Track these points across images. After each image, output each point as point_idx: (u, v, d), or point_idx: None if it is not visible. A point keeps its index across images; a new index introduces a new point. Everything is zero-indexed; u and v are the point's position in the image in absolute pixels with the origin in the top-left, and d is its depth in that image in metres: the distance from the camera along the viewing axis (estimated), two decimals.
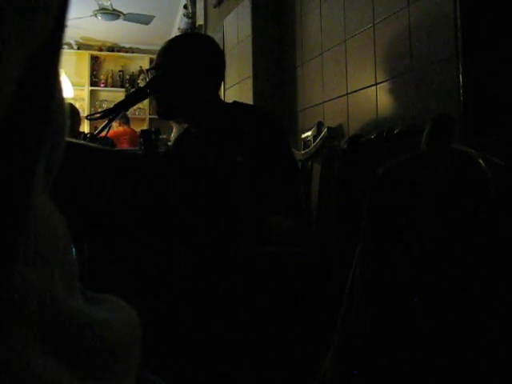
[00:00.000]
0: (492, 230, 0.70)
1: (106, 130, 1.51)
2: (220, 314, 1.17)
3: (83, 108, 6.07)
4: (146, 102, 6.21)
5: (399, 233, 0.78)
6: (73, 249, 0.30)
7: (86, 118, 1.82)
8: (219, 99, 1.65)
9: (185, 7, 4.32)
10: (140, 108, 6.41)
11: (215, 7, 3.38)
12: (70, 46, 6.34)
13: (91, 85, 6.54)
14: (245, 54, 2.64)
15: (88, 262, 1.07)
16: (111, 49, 6.73)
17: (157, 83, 1.53)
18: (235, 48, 2.80)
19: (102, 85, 6.67)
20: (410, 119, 1.62)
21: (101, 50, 6.68)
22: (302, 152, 1.97)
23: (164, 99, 1.55)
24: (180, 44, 1.58)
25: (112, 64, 6.77)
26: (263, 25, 2.58)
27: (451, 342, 0.72)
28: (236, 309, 1.18)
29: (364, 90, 1.89)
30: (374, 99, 1.82)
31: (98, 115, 1.52)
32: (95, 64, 6.66)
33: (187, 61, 1.53)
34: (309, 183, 1.85)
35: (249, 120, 1.51)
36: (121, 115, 1.64)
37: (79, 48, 6.51)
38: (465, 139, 1.30)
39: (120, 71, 6.75)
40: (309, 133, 2.10)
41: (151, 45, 6.09)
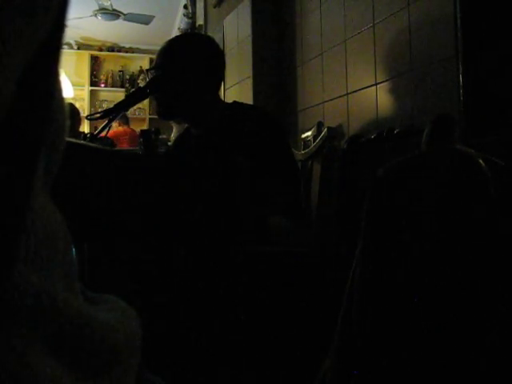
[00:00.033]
0: (492, 230, 0.70)
1: (106, 130, 1.51)
2: (220, 314, 1.17)
3: (83, 108, 6.06)
4: (146, 102, 6.21)
5: (399, 233, 0.78)
6: (73, 249, 0.30)
7: (86, 118, 1.82)
8: (219, 99, 1.65)
9: (185, 7, 4.33)
10: (140, 108, 6.41)
11: (215, 7, 3.38)
12: (70, 46, 6.34)
13: (91, 85, 6.54)
14: (245, 54, 2.64)
15: (88, 262, 1.07)
16: (111, 49, 6.73)
17: (157, 83, 1.53)
18: (235, 48, 2.80)
19: (102, 85, 6.67)
20: (410, 119, 1.62)
21: (101, 50, 6.68)
22: (302, 152, 1.97)
23: (164, 99, 1.54)
24: (180, 44, 1.58)
25: (112, 64, 6.77)
26: (263, 25, 2.58)
27: (451, 342, 0.72)
28: (236, 309, 1.18)
29: (364, 90, 1.89)
30: (374, 99, 1.82)
31: (98, 115, 1.52)
32: (95, 64, 6.66)
33: (187, 61, 1.53)
34: (309, 183, 1.85)
35: (249, 120, 1.51)
36: (120, 115, 1.64)
37: (79, 48, 6.51)
38: (465, 139, 1.30)
39: (120, 71, 6.75)
40: (309, 133, 2.10)
41: (151, 45, 6.09)
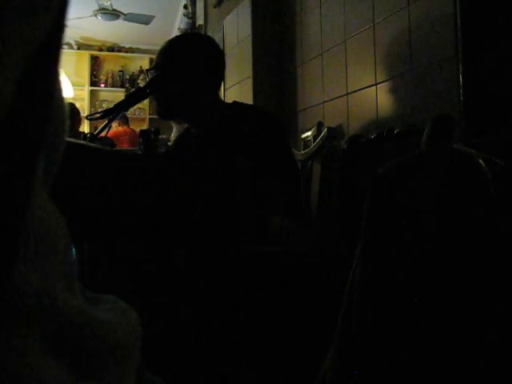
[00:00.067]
0: (492, 230, 0.70)
1: (106, 130, 1.51)
2: (220, 314, 1.17)
3: (83, 108, 6.06)
4: (146, 102, 6.21)
5: (399, 233, 0.78)
6: (73, 249, 0.30)
7: (86, 118, 1.82)
8: (219, 99, 1.65)
9: (185, 7, 4.33)
10: (140, 108, 6.41)
11: (215, 7, 3.38)
12: (70, 46, 6.34)
13: (91, 85, 6.54)
14: (245, 54, 2.64)
15: (88, 262, 1.07)
16: (111, 49, 6.73)
17: (157, 83, 1.53)
18: (235, 48, 2.80)
19: (102, 85, 6.67)
20: (410, 119, 1.62)
21: (101, 50, 6.68)
22: (302, 152, 1.97)
23: (164, 99, 1.55)
24: (180, 44, 1.58)
25: (112, 64, 6.77)
26: (263, 25, 2.58)
27: (451, 342, 0.72)
28: (236, 309, 1.18)
29: (364, 90, 1.89)
30: (374, 99, 1.82)
31: (98, 115, 1.52)
32: (95, 64, 6.66)
33: (187, 61, 1.53)
34: (309, 183, 1.85)
35: (249, 120, 1.51)
36: (120, 115, 1.64)
37: (79, 48, 6.51)
38: (465, 139, 1.30)
39: (120, 71, 6.75)
40: (309, 133, 2.10)
41: (151, 45, 6.09)
